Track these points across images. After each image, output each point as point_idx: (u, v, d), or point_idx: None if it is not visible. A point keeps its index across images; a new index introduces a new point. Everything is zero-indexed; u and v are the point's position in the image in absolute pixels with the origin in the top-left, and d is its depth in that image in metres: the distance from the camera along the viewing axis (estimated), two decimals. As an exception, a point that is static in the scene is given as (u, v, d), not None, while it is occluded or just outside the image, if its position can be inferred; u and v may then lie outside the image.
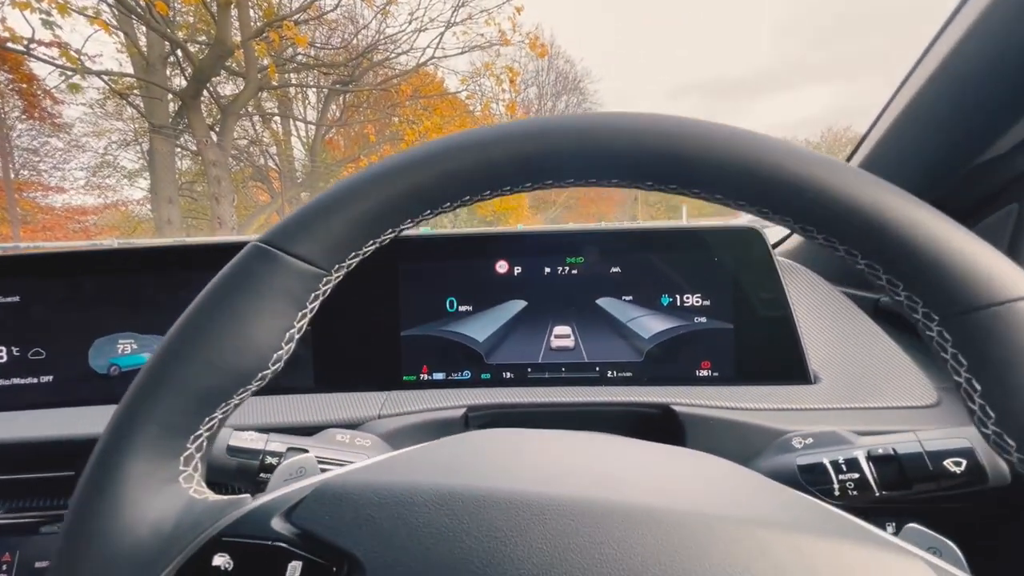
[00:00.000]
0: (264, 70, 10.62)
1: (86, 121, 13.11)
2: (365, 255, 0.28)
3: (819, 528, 0.23)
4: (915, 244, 0.22)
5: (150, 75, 10.17)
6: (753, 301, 0.59)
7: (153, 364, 0.25)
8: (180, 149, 13.27)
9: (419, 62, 13.01)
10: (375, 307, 0.62)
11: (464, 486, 0.24)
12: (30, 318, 0.60)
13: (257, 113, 15.01)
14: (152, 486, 0.24)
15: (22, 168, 12.01)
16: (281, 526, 0.24)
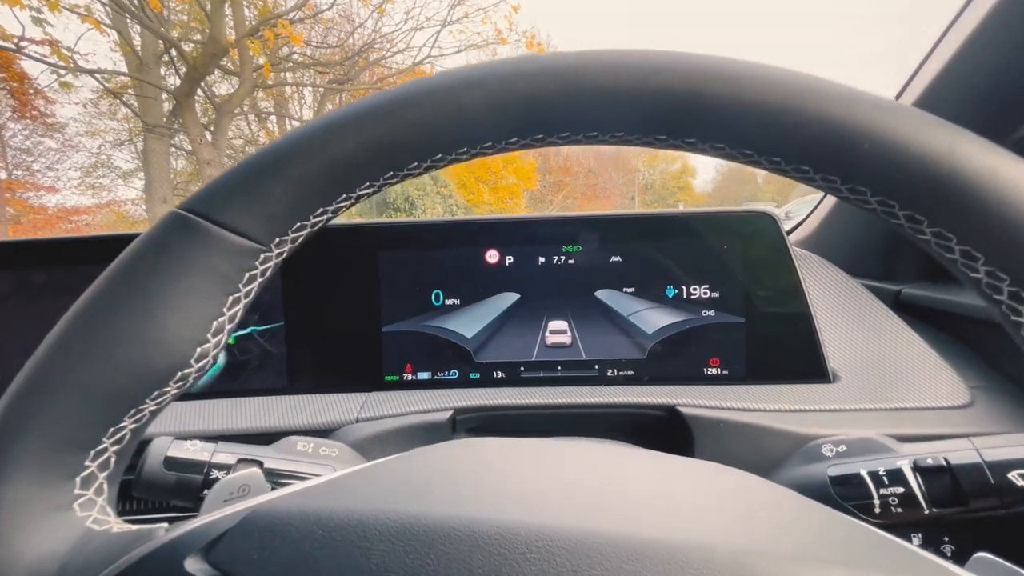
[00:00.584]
0: (259, 69, 10.55)
1: (80, 121, 13.01)
2: (315, 228, 0.23)
3: (872, 562, 0.18)
4: (985, 192, 0.17)
5: (144, 74, 10.08)
6: (766, 293, 0.54)
7: (38, 360, 0.20)
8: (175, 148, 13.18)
9: (415, 61, 12.96)
10: (354, 300, 0.57)
11: (430, 515, 0.19)
12: None
13: (252, 112, 14.93)
14: (35, 514, 0.19)
15: (15, 168, 11.88)
16: (196, 567, 0.19)
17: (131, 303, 0.20)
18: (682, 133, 0.20)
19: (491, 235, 0.56)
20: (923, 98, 0.57)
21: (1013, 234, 0.17)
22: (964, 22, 0.52)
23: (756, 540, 0.18)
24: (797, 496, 0.21)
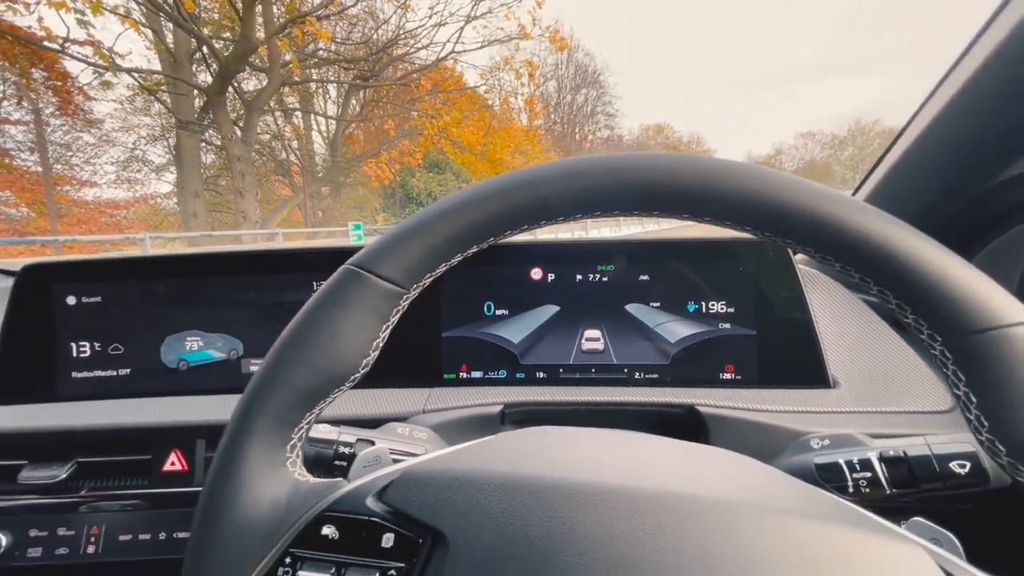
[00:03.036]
0: (287, 66, 10.78)
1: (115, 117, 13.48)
2: (437, 275, 0.32)
3: (833, 517, 0.27)
4: (920, 275, 0.26)
5: (177, 72, 10.41)
6: (775, 308, 0.62)
7: (266, 367, 0.30)
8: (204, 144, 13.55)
9: (439, 57, 13.05)
10: (419, 310, 0.67)
11: (526, 475, 0.29)
12: (110, 317, 0.67)
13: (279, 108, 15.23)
14: (267, 470, 0.29)
15: (55, 163, 12.43)
16: (375, 504, 0.29)
17: (322, 331, 0.30)
18: (703, 214, 0.29)
19: (536, 255, 0.66)
20: (884, 183, 0.67)
21: (922, 292, 0.26)
22: (918, 122, 0.61)
23: (751, 497, 0.27)
24: (784, 474, 0.30)
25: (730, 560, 0.25)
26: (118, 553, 0.60)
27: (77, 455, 0.62)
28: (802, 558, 0.25)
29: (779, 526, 0.26)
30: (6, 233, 9.79)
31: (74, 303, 0.66)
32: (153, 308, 0.67)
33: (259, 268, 0.68)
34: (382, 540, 0.28)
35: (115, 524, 0.61)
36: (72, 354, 0.66)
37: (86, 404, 0.64)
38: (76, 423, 0.61)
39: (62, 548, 0.60)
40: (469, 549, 0.26)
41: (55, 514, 0.61)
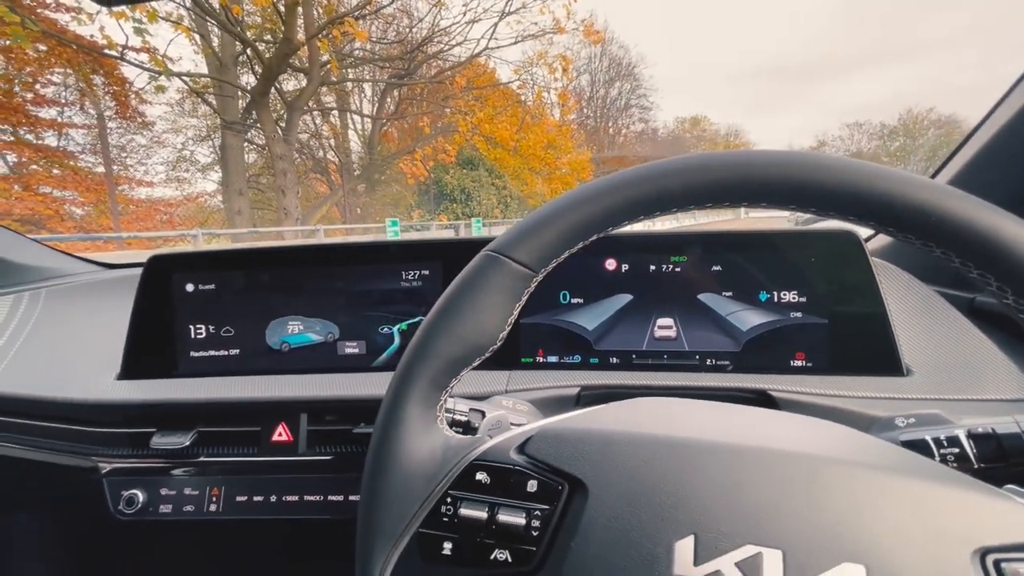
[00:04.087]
0: (326, 66, 11.08)
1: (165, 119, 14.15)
2: (563, 258, 0.37)
3: (936, 475, 0.30)
4: (1007, 247, 0.28)
5: (223, 74, 10.86)
6: (847, 297, 0.64)
7: (420, 338, 0.35)
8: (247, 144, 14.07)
9: (472, 53, 13.14)
10: None
11: (653, 432, 0.33)
12: (222, 303, 0.74)
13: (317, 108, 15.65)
14: (423, 426, 0.35)
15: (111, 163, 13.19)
16: (517, 456, 0.33)
17: (466, 308, 0.35)
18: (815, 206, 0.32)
19: (610, 246, 0.69)
20: (968, 171, 0.66)
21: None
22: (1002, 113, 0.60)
23: (857, 456, 0.30)
24: (883, 441, 0.33)
25: (846, 508, 0.28)
26: (236, 512, 0.68)
27: (198, 425, 0.70)
28: (910, 510, 0.28)
29: (880, 481, 0.29)
30: (73, 230, 10.49)
31: (192, 290, 0.74)
32: (259, 295, 0.74)
33: (352, 259, 0.74)
34: (527, 486, 0.32)
35: (233, 487, 0.68)
36: (190, 336, 0.74)
37: (203, 380, 0.72)
38: (197, 396, 0.69)
39: (188, 506, 0.68)
40: (606, 494, 0.31)
41: (182, 476, 0.69)
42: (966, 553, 0.27)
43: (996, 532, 0.27)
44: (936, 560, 0.27)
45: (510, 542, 0.31)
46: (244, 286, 0.74)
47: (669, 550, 0.29)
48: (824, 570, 0.27)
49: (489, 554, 0.31)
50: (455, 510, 0.32)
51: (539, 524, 0.31)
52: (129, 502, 0.67)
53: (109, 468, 0.70)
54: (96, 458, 0.71)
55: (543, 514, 0.32)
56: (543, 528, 0.31)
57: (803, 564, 0.27)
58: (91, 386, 0.72)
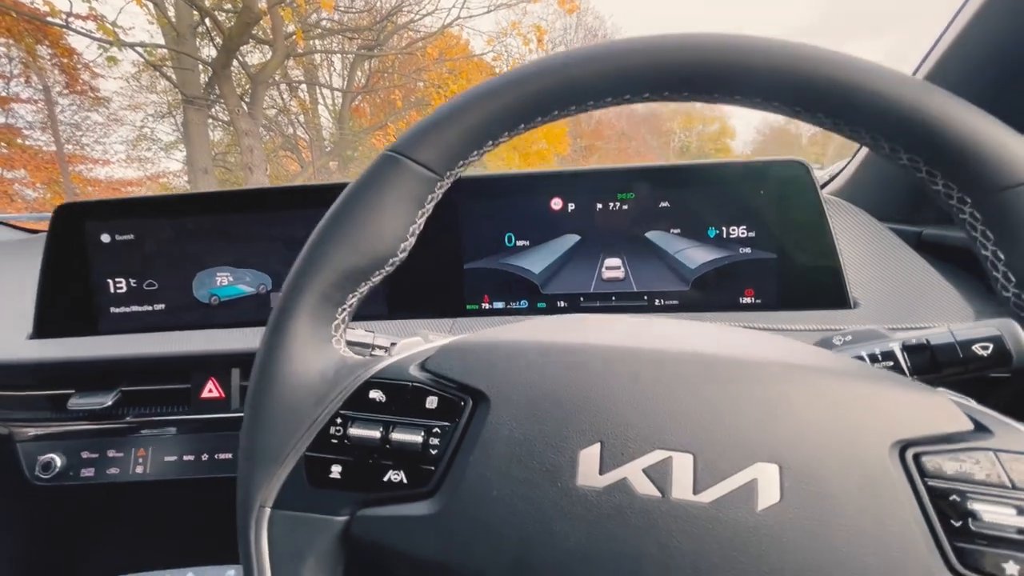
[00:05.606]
0: (291, 37, 10.60)
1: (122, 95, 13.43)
2: (469, 163, 0.33)
3: (863, 371, 0.28)
4: (950, 134, 0.26)
5: (180, 46, 10.30)
6: (796, 231, 0.62)
7: (311, 246, 0.31)
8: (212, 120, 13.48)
9: (444, 23, 12.74)
10: (440, 242, 0.68)
11: (564, 341, 0.30)
12: (143, 254, 0.69)
13: (284, 82, 15.05)
14: (315, 343, 0.31)
15: (66, 142, 12.47)
16: (417, 372, 0.30)
17: (362, 213, 0.31)
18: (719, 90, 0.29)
19: (555, 185, 0.66)
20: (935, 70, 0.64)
21: (952, 153, 0.26)
22: None
23: (776, 356, 0.28)
24: (807, 345, 0.31)
25: (758, 408, 0.26)
26: (165, 472, 0.64)
27: (121, 384, 0.66)
28: (826, 406, 0.26)
29: (795, 378, 0.27)
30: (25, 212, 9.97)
31: (108, 240, 0.68)
32: (184, 245, 0.69)
33: (284, 204, 0.69)
34: (426, 402, 0.29)
35: (160, 447, 0.65)
36: (109, 290, 0.69)
37: (126, 337, 0.67)
38: (118, 353, 0.64)
39: (113, 468, 0.64)
40: (508, 405, 0.28)
41: (104, 438, 0.65)
42: (884, 447, 0.25)
43: (916, 424, 0.25)
44: (853, 455, 0.25)
45: (406, 462, 0.28)
46: (167, 236, 0.69)
47: (573, 460, 0.26)
48: (736, 471, 0.25)
49: (382, 476, 0.28)
50: (345, 431, 0.29)
51: (438, 443, 0.29)
52: (46, 467, 0.63)
53: (23, 433, 0.65)
54: (9, 423, 0.66)
55: (443, 431, 0.29)
56: (443, 447, 0.28)
57: (714, 466, 0.25)
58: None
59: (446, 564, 0.26)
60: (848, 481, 0.24)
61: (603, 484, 0.26)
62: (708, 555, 0.24)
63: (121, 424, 0.65)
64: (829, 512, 0.24)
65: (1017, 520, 0.23)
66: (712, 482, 0.25)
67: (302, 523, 0.28)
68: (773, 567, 0.23)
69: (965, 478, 0.24)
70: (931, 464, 0.25)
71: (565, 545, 0.25)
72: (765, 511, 0.24)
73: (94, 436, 0.65)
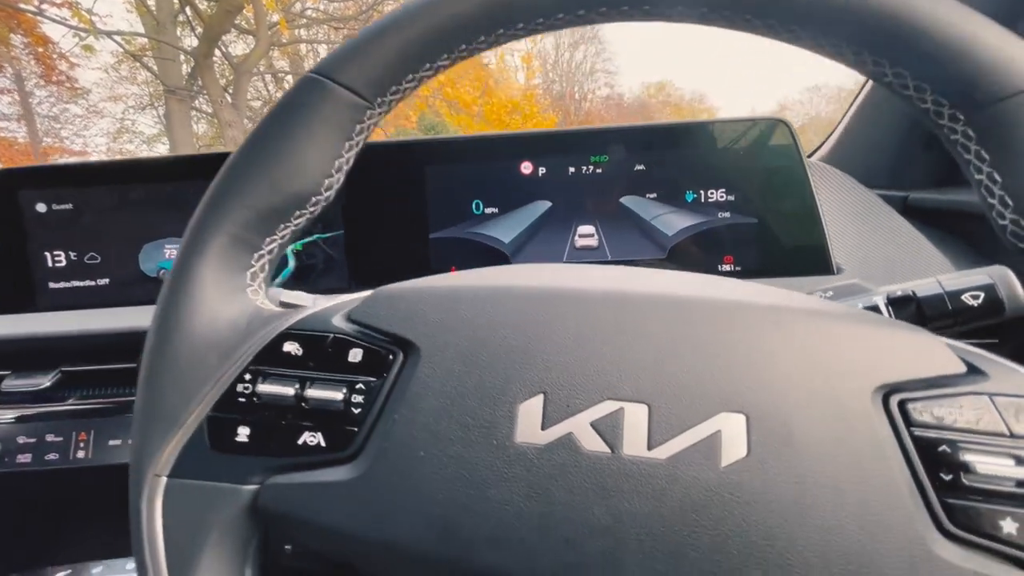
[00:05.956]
0: (274, 26, 10.39)
1: (102, 86, 13.09)
2: (406, 92, 0.29)
3: (841, 311, 0.25)
4: (938, 40, 0.23)
5: (161, 34, 10.05)
6: (778, 194, 0.59)
7: (219, 182, 0.27)
8: (195, 112, 13.21)
9: (431, 13, 12.56)
10: (404, 210, 0.64)
11: (505, 285, 0.26)
12: (84, 225, 0.64)
13: (269, 72, 14.79)
14: (226, 291, 0.27)
15: (45, 135, 12.15)
16: (342, 323, 0.27)
17: (278, 142, 0.27)
18: None
19: (525, 148, 0.62)
20: None
21: (942, 62, 0.23)
22: None
23: (741, 296, 0.25)
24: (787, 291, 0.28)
25: (723, 352, 0.23)
26: (109, 457, 0.60)
27: (62, 364, 0.61)
28: (799, 349, 0.23)
29: (765, 319, 0.23)
30: (0, 206, 9.70)
31: (44, 211, 0.64)
32: (128, 215, 0.64)
33: None
34: (349, 355, 0.26)
35: (104, 430, 0.60)
36: (47, 264, 0.64)
37: (67, 313, 0.63)
38: (57, 330, 0.60)
39: (52, 454, 0.59)
40: (441, 356, 0.24)
41: (42, 422, 0.60)
42: (866, 393, 0.22)
43: (901, 367, 0.22)
44: (831, 403, 0.22)
45: (324, 423, 0.25)
46: (110, 205, 0.64)
47: (511, 414, 0.23)
48: (697, 423, 0.22)
49: (297, 438, 0.25)
50: (254, 388, 0.25)
51: (362, 400, 0.25)
52: (-23, 453, 0.59)
53: None
54: None
55: (368, 388, 0.25)
56: (367, 405, 0.25)
57: (672, 418, 0.22)
58: None
59: (366, 536, 0.23)
60: (824, 432, 0.21)
61: (545, 441, 0.22)
62: (664, 518, 0.21)
63: (62, 407, 0.61)
64: (803, 467, 0.21)
65: (1015, 471, 0.20)
66: (669, 436, 0.22)
67: (203, 493, 0.25)
68: (738, 529, 0.20)
69: (956, 426, 0.21)
70: (918, 411, 0.21)
71: (501, 511, 0.22)
72: (729, 467, 0.21)
73: (32, 420, 0.60)
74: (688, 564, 0.20)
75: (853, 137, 0.75)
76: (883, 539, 0.20)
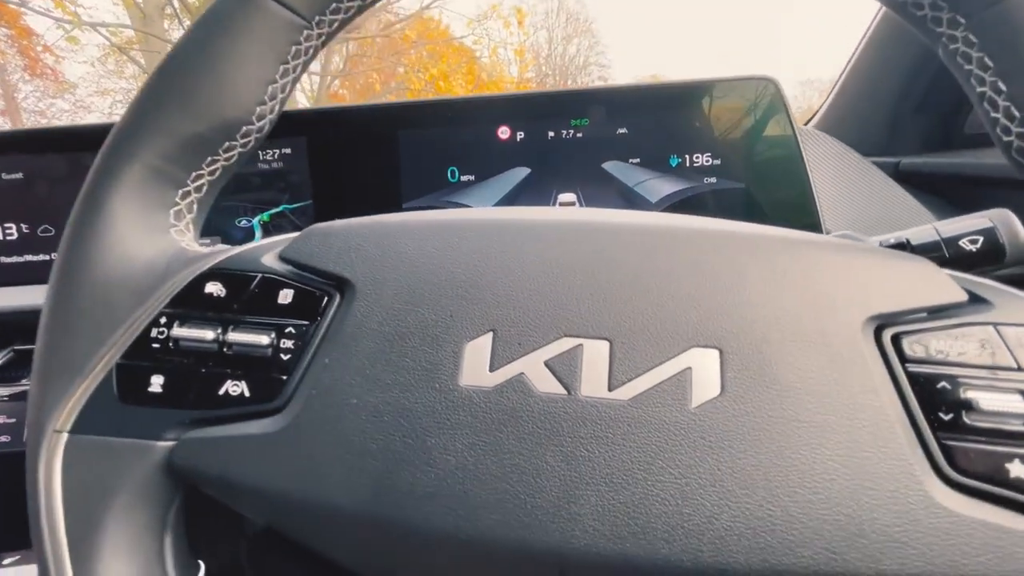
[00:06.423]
0: (263, 18, 10.24)
1: (89, 81, 12.88)
2: (349, 13, 0.26)
3: (825, 240, 0.22)
4: None
5: (147, 27, 9.88)
6: (766, 157, 0.57)
7: (133, 105, 0.24)
8: (185, 106, 13.04)
9: (422, 5, 12.44)
10: (376, 179, 0.61)
11: (451, 219, 0.24)
12: (36, 196, 0.61)
13: (259, 66, 14.59)
14: (143, 229, 0.24)
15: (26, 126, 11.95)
16: (272, 262, 0.24)
17: (201, 59, 0.24)
18: None
19: (502, 111, 0.59)
20: None
21: None
22: None
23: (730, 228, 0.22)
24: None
25: (693, 282, 0.20)
26: (63, 439, 0.56)
27: (14, 343, 0.58)
28: (780, 280, 0.20)
29: (741, 248, 0.21)
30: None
31: (-7, 180, 0.60)
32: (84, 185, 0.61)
33: None
34: (279, 296, 0.23)
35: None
36: (-2, 237, 0.61)
37: (19, 289, 0.59)
38: (8, 305, 0.56)
39: (3, 436, 0.56)
40: (379, 293, 0.22)
41: (-7, 403, 0.57)
42: (855, 324, 0.19)
43: (895, 295, 0.20)
44: (815, 336, 0.19)
45: (249, 371, 0.22)
46: (64, 174, 0.61)
47: (456, 355, 0.20)
48: (664, 360, 0.19)
49: (218, 388, 0.22)
50: (169, 332, 0.22)
51: (292, 345, 0.22)
52: (-78, 435, 0.55)
53: None
54: None
55: (299, 332, 0.22)
56: (297, 351, 0.22)
57: (636, 355, 0.19)
58: None
59: (292, 494, 0.20)
60: (808, 368, 0.19)
61: (493, 383, 0.20)
62: (626, 465, 0.18)
63: (15, 388, 0.57)
64: (783, 406, 0.18)
65: None
66: (633, 375, 0.19)
67: (110, 450, 0.22)
68: (710, 476, 0.18)
69: (957, 360, 0.19)
70: (914, 344, 0.19)
71: (442, 463, 0.19)
72: (701, 407, 0.18)
73: None
74: (653, 517, 0.18)
75: (845, 104, 0.73)
76: (875, 486, 0.17)
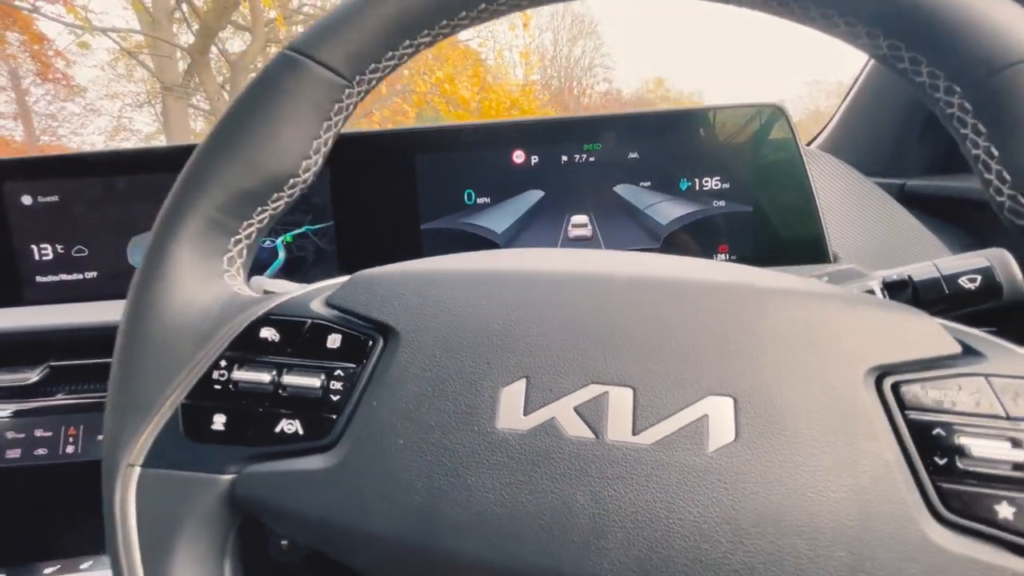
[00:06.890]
0: (271, 23, 10.34)
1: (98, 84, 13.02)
2: (386, 70, 0.28)
3: (833, 291, 0.24)
4: (934, 12, 0.22)
5: (157, 31, 9.99)
6: (773, 181, 0.58)
7: (193, 162, 0.27)
8: (192, 109, 13.15)
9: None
10: (395, 201, 0.63)
11: (486, 269, 0.26)
12: (70, 217, 0.63)
13: (266, 69, 14.69)
14: (202, 276, 0.27)
15: (42, 134, 12.10)
16: (320, 308, 0.26)
17: (254, 121, 0.26)
18: None
19: (517, 136, 0.61)
20: None
21: (938, 32, 0.22)
22: None
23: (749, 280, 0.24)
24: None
25: (710, 334, 0.22)
26: (98, 452, 0.59)
27: (50, 359, 0.60)
28: (790, 330, 0.22)
29: (755, 300, 0.23)
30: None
31: (30, 203, 0.63)
32: (115, 207, 0.64)
33: None
34: (327, 341, 0.25)
35: (93, 424, 0.60)
36: (34, 258, 0.63)
37: (55, 307, 0.62)
38: (45, 324, 0.59)
39: (41, 449, 0.59)
40: (421, 340, 0.24)
41: (31, 417, 0.60)
42: (858, 374, 0.21)
43: (895, 348, 0.21)
44: (822, 385, 0.21)
45: (302, 411, 0.24)
46: (96, 197, 0.64)
47: (493, 399, 0.22)
48: (683, 407, 0.21)
49: (274, 426, 0.24)
50: (230, 375, 0.25)
51: (341, 387, 0.24)
52: (-35, 448, 0.58)
53: None
54: None
55: (347, 374, 0.24)
56: (346, 392, 0.24)
57: (657, 402, 0.21)
58: None
59: (344, 525, 0.22)
60: (815, 415, 0.20)
61: (527, 426, 0.22)
62: (649, 504, 0.20)
63: (51, 402, 0.60)
64: (792, 451, 0.20)
65: (1012, 454, 0.19)
66: (655, 420, 0.21)
67: (178, 483, 0.24)
68: (726, 516, 0.20)
69: (951, 409, 0.20)
70: (912, 393, 0.21)
71: (481, 499, 0.21)
72: (717, 452, 0.20)
73: (20, 415, 0.60)
74: (674, 552, 0.20)
75: (850, 125, 0.74)
76: (875, 525, 0.19)
